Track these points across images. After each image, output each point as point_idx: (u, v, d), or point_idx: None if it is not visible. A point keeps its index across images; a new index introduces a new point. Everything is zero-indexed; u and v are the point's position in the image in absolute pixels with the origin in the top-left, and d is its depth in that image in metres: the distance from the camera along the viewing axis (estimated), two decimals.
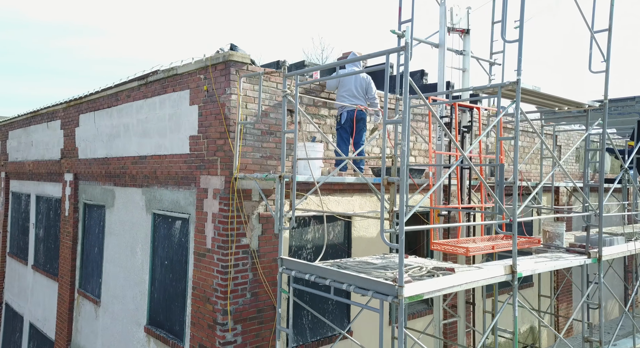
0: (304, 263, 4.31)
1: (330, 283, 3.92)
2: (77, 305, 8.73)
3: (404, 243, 3.29)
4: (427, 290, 3.60)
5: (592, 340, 5.91)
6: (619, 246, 6.32)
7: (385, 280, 3.57)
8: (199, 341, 5.39)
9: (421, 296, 3.55)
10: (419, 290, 3.53)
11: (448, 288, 3.79)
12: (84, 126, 8.59)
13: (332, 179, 4.96)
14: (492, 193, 4.16)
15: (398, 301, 3.33)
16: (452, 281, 3.85)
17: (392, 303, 3.34)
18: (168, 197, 6.35)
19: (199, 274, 5.49)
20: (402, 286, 3.32)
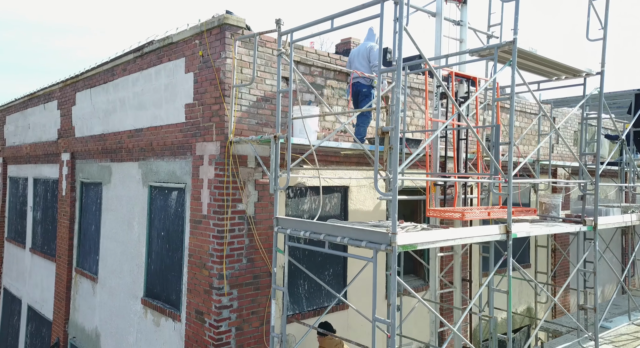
0: (298, 221, 4.31)
1: (325, 237, 3.92)
2: (74, 284, 8.74)
3: (397, 191, 3.28)
4: (421, 240, 3.60)
5: (586, 307, 5.93)
6: (614, 217, 6.33)
7: (378, 230, 3.57)
8: (195, 307, 5.40)
9: (415, 246, 3.55)
10: (413, 240, 3.53)
11: (442, 241, 3.79)
12: (81, 104, 8.57)
13: (327, 144, 4.95)
14: (488, 152, 4.15)
15: (391, 248, 3.33)
16: (446, 235, 3.86)
17: (386, 251, 3.34)
18: (164, 168, 6.34)
19: (195, 241, 5.50)
20: (395, 233, 3.32)
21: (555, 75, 5.76)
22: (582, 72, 5.56)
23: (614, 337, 7.73)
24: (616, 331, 8.06)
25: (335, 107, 6.17)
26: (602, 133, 10.50)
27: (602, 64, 5.60)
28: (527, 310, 10.05)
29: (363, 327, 6.53)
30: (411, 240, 3.51)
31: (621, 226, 6.42)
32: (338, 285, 6.43)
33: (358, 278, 6.09)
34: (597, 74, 5.65)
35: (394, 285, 3.36)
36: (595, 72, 5.65)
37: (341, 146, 5.05)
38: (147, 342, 6.45)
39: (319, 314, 6.02)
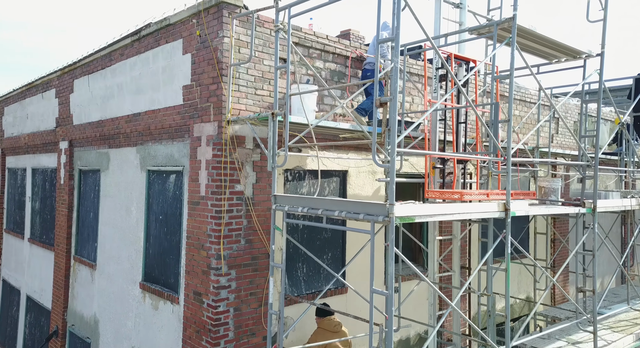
0: (296, 197, 4.29)
1: (323, 212, 3.90)
2: (73, 272, 8.72)
3: (394, 161, 3.26)
4: (419, 213, 3.58)
5: (585, 290, 5.92)
6: (614, 201, 6.31)
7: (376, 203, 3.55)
8: (193, 288, 5.39)
9: (412, 219, 3.53)
10: (411, 212, 3.51)
11: (440, 214, 3.78)
12: (79, 91, 8.53)
13: (326, 124, 4.93)
14: (487, 129, 4.13)
15: (389, 219, 3.31)
16: (445, 209, 3.84)
17: (383, 222, 3.32)
18: (162, 152, 6.31)
19: (193, 223, 5.48)
20: (393, 204, 3.31)
21: (555, 57, 5.73)
22: (582, 54, 5.54)
23: (613, 323, 7.73)
24: (615, 318, 8.06)
25: (333, 91, 6.13)
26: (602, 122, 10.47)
27: (602, 45, 5.56)
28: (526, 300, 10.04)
29: (362, 312, 6.51)
30: (409, 212, 3.49)
31: (620, 210, 6.40)
32: (336, 269, 6.41)
33: (356, 263, 6.09)
34: (597, 56, 5.62)
35: (392, 255, 3.35)
36: (595, 54, 5.63)
37: (339, 127, 5.02)
38: (145, 326, 6.44)
39: (316, 297, 6.00)
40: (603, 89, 5.66)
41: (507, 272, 4.43)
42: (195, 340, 5.28)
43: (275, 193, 4.55)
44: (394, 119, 3.27)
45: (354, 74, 6.39)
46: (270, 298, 4.74)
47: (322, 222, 3.95)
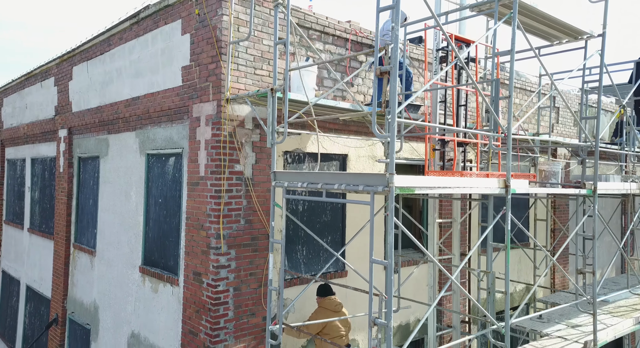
0: (296, 172, 4.28)
1: (323, 186, 3.89)
2: (72, 259, 8.71)
3: (395, 131, 3.24)
4: (419, 184, 3.56)
5: (585, 271, 5.91)
6: (614, 183, 6.30)
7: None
8: (193, 268, 5.38)
9: (412, 190, 3.51)
10: (411, 183, 3.50)
11: (441, 187, 3.76)
12: (77, 78, 8.51)
13: (325, 102, 4.91)
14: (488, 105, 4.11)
15: (389, 189, 3.30)
16: (445, 182, 3.82)
17: (383, 192, 3.31)
18: (161, 135, 6.29)
19: (193, 203, 5.46)
20: (393, 174, 3.29)
21: (556, 38, 5.71)
22: (583, 34, 5.51)
23: (613, 309, 7.74)
24: (615, 304, 8.07)
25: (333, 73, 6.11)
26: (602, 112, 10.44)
27: (603, 25, 5.54)
28: (526, 289, 10.05)
29: (362, 295, 6.51)
30: (409, 183, 3.48)
31: (621, 193, 6.38)
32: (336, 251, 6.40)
33: (356, 247, 6.09)
34: (599, 36, 5.60)
35: (391, 225, 3.33)
36: (597, 34, 5.60)
37: (339, 106, 5.00)
38: (145, 309, 6.43)
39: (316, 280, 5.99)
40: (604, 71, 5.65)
41: (507, 250, 4.42)
42: (195, 320, 5.27)
43: (274, 169, 4.53)
44: (394, 88, 3.25)
45: (354, 57, 6.37)
46: (270, 274, 4.74)
47: (322, 196, 3.94)
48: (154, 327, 6.22)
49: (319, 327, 5.27)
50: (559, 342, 5.82)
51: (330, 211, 6.33)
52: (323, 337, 5.28)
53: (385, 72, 3.27)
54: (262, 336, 5.35)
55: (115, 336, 7.11)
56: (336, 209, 6.40)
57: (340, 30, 6.17)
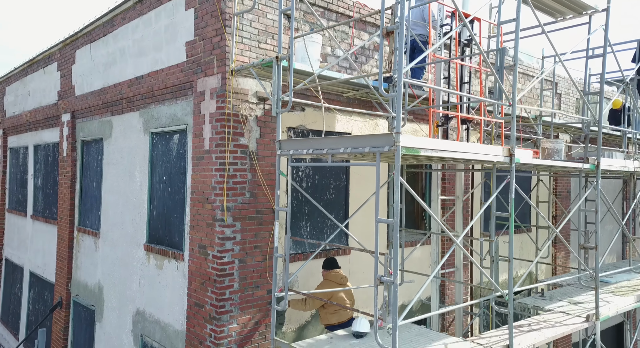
0: (301, 140, 4.31)
1: (328, 151, 3.91)
2: (76, 243, 8.75)
3: (401, 89, 3.26)
4: (425, 146, 3.59)
5: (587, 246, 5.94)
6: (617, 160, 6.32)
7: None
8: (198, 242, 5.41)
9: (418, 151, 3.54)
10: (417, 144, 3.52)
11: (446, 151, 3.78)
12: (80, 62, 8.53)
13: (328, 74, 4.92)
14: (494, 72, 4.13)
15: (395, 148, 3.32)
16: (451, 146, 3.85)
17: (389, 152, 3.33)
18: (165, 113, 6.32)
19: (198, 178, 5.49)
20: (399, 133, 3.31)
21: (560, 13, 5.72)
22: (588, 8, 5.52)
23: (615, 288, 7.78)
24: (617, 284, 8.11)
25: (337, 50, 6.13)
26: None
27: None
28: (528, 275, 10.08)
29: (364, 273, 6.54)
30: (415, 143, 3.50)
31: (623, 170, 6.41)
32: (340, 231, 6.44)
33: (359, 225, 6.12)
34: (603, 11, 5.61)
35: (397, 183, 3.36)
36: (601, 9, 5.61)
37: (344, 77, 5.02)
38: (150, 286, 6.47)
39: (321, 256, 6.02)
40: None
41: (511, 217, 4.44)
42: (201, 292, 5.31)
43: (279, 138, 4.55)
44: (401, 47, 3.27)
45: (357, 34, 6.38)
46: (276, 242, 4.77)
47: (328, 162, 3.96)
48: (159, 303, 6.26)
49: (325, 298, 5.30)
50: (562, 316, 5.85)
51: (334, 189, 6.36)
52: (328, 308, 5.32)
53: (391, 33, 3.28)
54: (267, 309, 5.38)
55: (120, 315, 7.15)
56: (339, 187, 6.43)
57: (344, 8, 6.18)
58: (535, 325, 5.35)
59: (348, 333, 4.98)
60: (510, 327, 4.55)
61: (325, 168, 6.25)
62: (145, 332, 6.49)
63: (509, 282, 4.54)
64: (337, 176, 6.40)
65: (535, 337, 4.93)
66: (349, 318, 5.41)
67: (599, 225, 5.70)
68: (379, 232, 3.84)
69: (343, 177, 6.50)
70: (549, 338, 5.11)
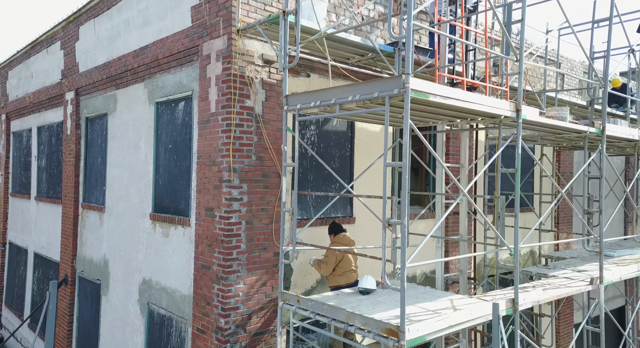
0: (308, 93, 4.32)
1: (336, 101, 3.93)
2: (81, 219, 8.78)
3: (412, 32, 3.28)
4: (433, 91, 3.60)
5: (591, 210, 5.97)
6: (623, 128, 6.34)
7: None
8: (205, 205, 5.43)
9: (427, 95, 3.55)
10: (426, 88, 3.54)
11: (454, 99, 3.80)
12: (84, 38, 8.53)
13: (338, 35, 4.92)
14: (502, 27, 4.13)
15: (404, 90, 3.34)
16: (460, 94, 3.86)
17: (399, 94, 3.35)
18: (170, 81, 6.33)
19: (204, 141, 5.51)
20: (409, 74, 3.33)
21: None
22: None
23: (618, 261, 7.82)
24: (620, 258, 8.14)
25: (342, 17, 6.13)
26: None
27: None
28: (530, 254, 10.11)
29: (369, 242, 6.57)
30: (424, 87, 3.52)
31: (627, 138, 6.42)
32: (344, 199, 6.47)
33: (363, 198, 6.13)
34: None
35: (406, 125, 3.37)
36: None
37: (349, 38, 5.03)
38: (156, 255, 6.50)
39: (326, 224, 6.05)
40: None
41: (518, 173, 4.46)
42: (208, 254, 5.34)
43: (286, 93, 4.57)
44: None
45: (362, 2, 6.38)
46: (283, 197, 4.80)
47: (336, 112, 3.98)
48: (165, 271, 6.29)
49: (334, 261, 5.34)
50: (566, 280, 5.89)
51: (339, 158, 6.37)
52: (336, 270, 5.36)
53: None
54: (273, 271, 5.42)
55: (126, 286, 7.19)
56: (344, 157, 6.44)
57: None
58: (539, 287, 5.38)
59: (354, 291, 5.02)
60: (516, 280, 4.59)
61: (330, 136, 6.27)
62: (152, 300, 6.53)
63: (514, 237, 4.57)
64: (342, 146, 6.42)
65: (540, 294, 4.97)
66: (356, 280, 5.45)
67: (603, 190, 5.72)
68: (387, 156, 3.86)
69: (348, 147, 6.52)
70: (553, 297, 5.14)
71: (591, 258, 7.65)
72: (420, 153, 7.38)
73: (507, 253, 8.72)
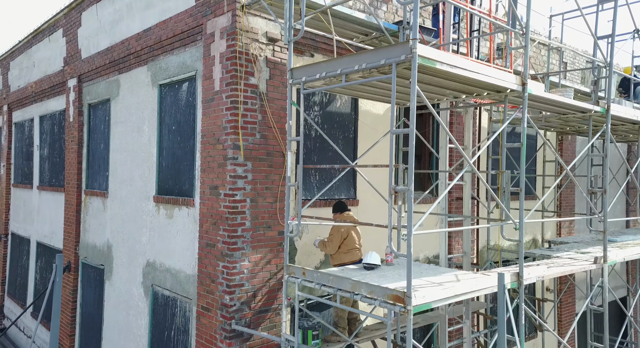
0: (313, 64, 4.31)
1: (342, 71, 3.93)
2: (84, 206, 8.79)
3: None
4: (440, 59, 3.60)
5: (596, 190, 5.96)
6: (627, 109, 6.33)
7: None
8: (209, 184, 5.43)
9: (434, 63, 3.54)
10: (433, 55, 3.53)
11: (459, 68, 3.79)
12: (86, 24, 8.52)
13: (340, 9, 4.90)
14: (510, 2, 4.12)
15: (412, 55, 3.33)
16: (465, 64, 3.86)
17: (406, 60, 3.34)
18: (174, 62, 6.32)
19: (208, 120, 5.51)
20: (416, 39, 3.32)
21: None
22: None
23: (621, 245, 7.82)
24: (623, 242, 8.15)
25: None
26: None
27: None
28: (532, 241, 10.12)
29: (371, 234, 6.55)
30: (431, 54, 3.51)
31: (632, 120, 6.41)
32: (348, 181, 6.46)
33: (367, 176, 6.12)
34: None
35: (414, 90, 3.37)
36: None
37: (354, 14, 5.02)
38: (160, 237, 6.51)
39: (329, 205, 6.05)
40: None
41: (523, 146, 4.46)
42: (212, 232, 5.34)
43: (291, 67, 4.56)
44: None
45: None
46: (288, 171, 4.79)
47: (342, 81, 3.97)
48: (169, 252, 6.29)
49: (339, 239, 5.34)
50: (570, 261, 5.89)
51: (343, 140, 6.37)
52: (341, 248, 5.36)
53: None
54: (278, 249, 5.42)
55: (129, 269, 7.20)
56: (348, 139, 6.44)
57: None
58: (543, 265, 5.38)
59: (359, 267, 5.02)
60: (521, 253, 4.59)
61: (334, 118, 6.26)
62: (156, 281, 6.54)
63: (519, 210, 4.57)
64: (345, 128, 6.42)
65: (544, 270, 4.97)
66: (360, 258, 5.44)
67: (607, 170, 5.71)
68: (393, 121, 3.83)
69: (352, 129, 6.51)
70: (557, 274, 5.15)
71: (594, 243, 7.65)
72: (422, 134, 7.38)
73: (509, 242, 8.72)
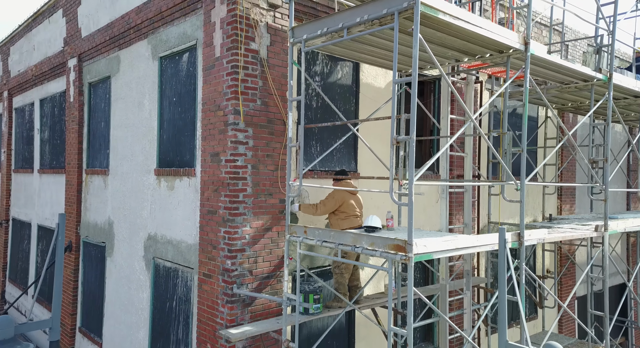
0: (313, 22, 4.30)
1: (344, 25, 3.91)
2: (85, 186, 8.79)
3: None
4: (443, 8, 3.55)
5: (598, 159, 5.95)
6: (629, 79, 6.31)
7: None
8: (210, 151, 5.42)
9: (436, 12, 3.50)
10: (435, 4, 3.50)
11: (462, 20, 3.74)
12: (86, 1, 8.51)
13: None
14: None
15: (414, 2, 3.31)
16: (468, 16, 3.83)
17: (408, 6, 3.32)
18: (174, 33, 6.30)
19: (208, 87, 5.49)
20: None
21: None
22: None
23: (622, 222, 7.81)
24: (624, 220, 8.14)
25: None
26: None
27: None
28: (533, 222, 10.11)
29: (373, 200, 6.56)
30: (435, 3, 3.48)
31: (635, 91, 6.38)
32: (349, 155, 6.46)
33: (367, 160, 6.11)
34: None
35: (416, 37, 3.35)
36: None
37: None
38: (161, 209, 6.51)
39: (330, 176, 6.03)
40: None
41: (525, 106, 4.44)
42: (214, 199, 5.34)
43: (292, 25, 4.54)
44: None
45: None
46: (290, 132, 4.78)
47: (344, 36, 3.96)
48: (170, 223, 6.30)
49: (336, 205, 5.33)
50: (571, 230, 5.88)
51: (344, 113, 6.34)
52: (339, 215, 5.35)
53: None
54: (278, 217, 5.42)
55: (131, 244, 7.20)
56: (349, 111, 6.42)
57: None
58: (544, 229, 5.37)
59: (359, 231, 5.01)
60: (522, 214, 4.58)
61: (335, 89, 6.24)
62: (157, 254, 6.54)
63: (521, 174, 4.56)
64: (347, 100, 6.40)
65: (545, 233, 4.97)
66: (360, 225, 5.44)
67: (609, 138, 5.70)
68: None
69: (353, 101, 6.50)
70: (558, 238, 5.15)
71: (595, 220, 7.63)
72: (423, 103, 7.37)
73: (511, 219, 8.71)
